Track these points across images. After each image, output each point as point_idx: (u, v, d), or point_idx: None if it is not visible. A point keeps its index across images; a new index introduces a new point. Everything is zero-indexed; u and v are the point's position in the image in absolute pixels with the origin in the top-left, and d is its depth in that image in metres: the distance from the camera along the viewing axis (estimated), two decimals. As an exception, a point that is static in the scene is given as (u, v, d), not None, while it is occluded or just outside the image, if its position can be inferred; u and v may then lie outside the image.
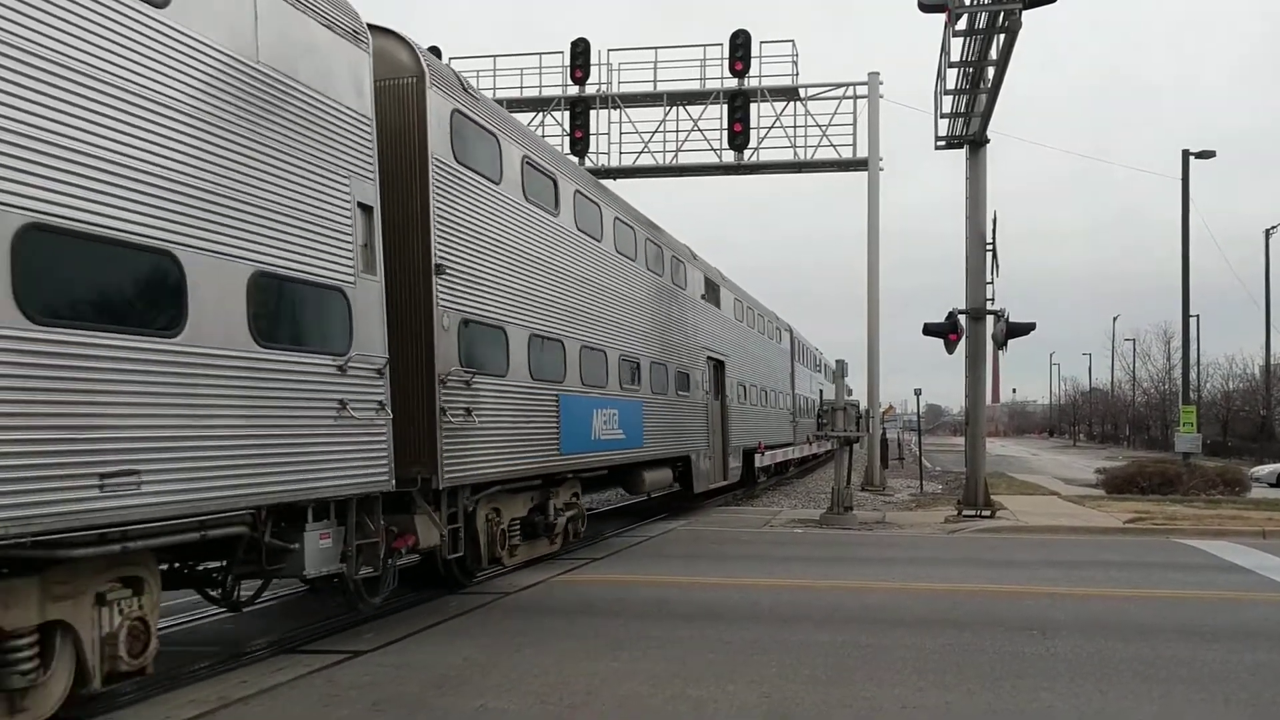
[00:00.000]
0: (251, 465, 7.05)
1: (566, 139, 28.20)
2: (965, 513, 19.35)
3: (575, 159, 27.07)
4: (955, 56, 17.98)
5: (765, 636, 8.56)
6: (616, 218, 15.73)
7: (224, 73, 7.13)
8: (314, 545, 7.91)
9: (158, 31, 6.49)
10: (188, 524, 6.56)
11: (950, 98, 19.55)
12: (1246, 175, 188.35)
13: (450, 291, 10.02)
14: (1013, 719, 6.26)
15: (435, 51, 26.67)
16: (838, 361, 21.08)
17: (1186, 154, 30.61)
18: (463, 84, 11.00)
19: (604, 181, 18.18)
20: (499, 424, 11.06)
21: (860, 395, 29.94)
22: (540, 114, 28.70)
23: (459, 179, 10.39)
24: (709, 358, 21.54)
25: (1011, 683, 7.07)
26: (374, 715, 6.35)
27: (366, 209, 8.72)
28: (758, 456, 26.14)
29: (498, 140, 11.49)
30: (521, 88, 28.81)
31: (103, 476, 5.84)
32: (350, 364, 8.20)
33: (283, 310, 7.63)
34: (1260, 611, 9.98)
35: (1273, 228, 49.50)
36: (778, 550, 14.96)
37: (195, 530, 6.67)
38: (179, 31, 6.68)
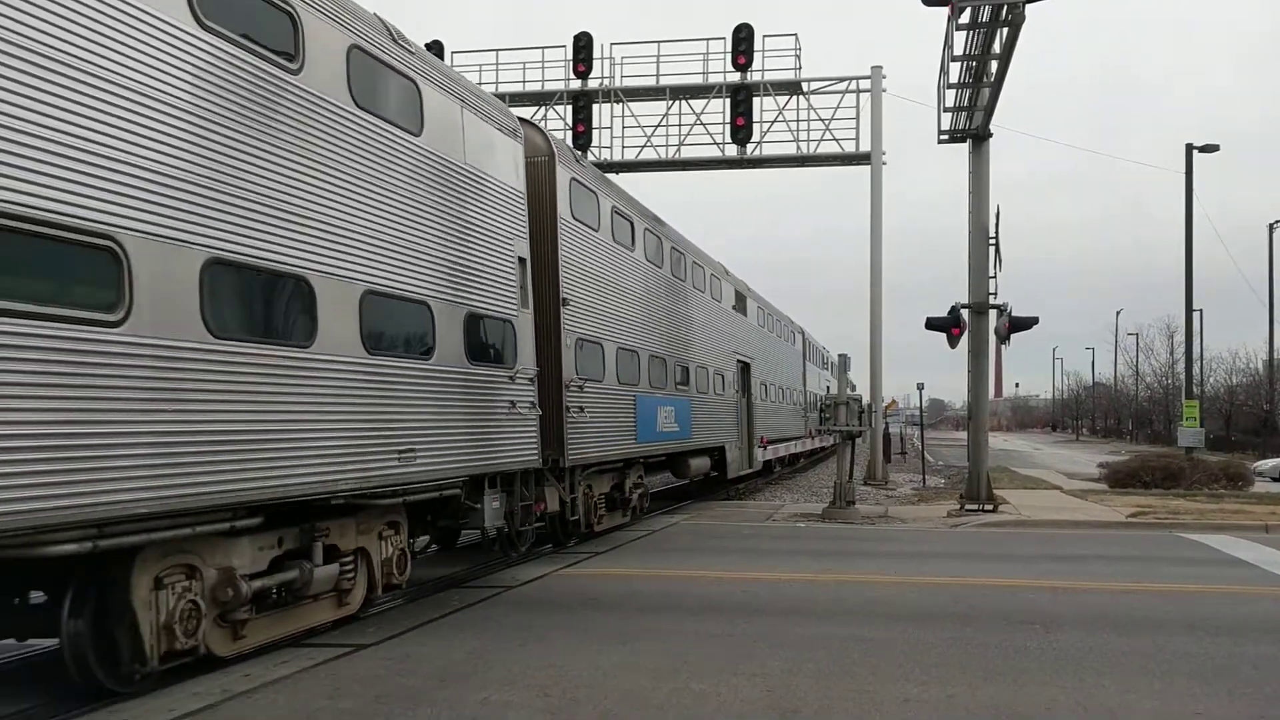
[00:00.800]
0: (466, 446, 10.23)
1: (569, 133, 28.16)
2: (968, 507, 19.36)
3: (577, 153, 27.06)
4: (958, 50, 17.96)
5: (768, 630, 8.58)
6: (673, 247, 18.98)
7: (450, 174, 10.25)
8: (490, 506, 11.05)
9: (417, 152, 9.68)
10: (430, 486, 9.71)
11: (953, 92, 19.51)
12: (1251, 170, 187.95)
13: (571, 318, 13.28)
14: (1015, 713, 6.25)
15: (436, 46, 26.81)
16: (840, 356, 21.10)
17: (1190, 148, 30.51)
18: (575, 157, 14.35)
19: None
20: (599, 418, 14.35)
21: (863, 390, 30.08)
22: (542, 108, 28.66)
23: (574, 231, 13.65)
24: (738, 360, 24.67)
25: (1014, 676, 7.07)
26: (377, 708, 6.36)
27: (522, 260, 11.80)
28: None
29: (597, 197, 14.75)
30: (524, 82, 28.77)
31: (399, 453, 8.99)
32: (517, 375, 11.41)
33: (480, 338, 10.70)
34: (1263, 606, 9.98)
35: (1276, 222, 49.36)
36: (780, 544, 14.96)
37: (435, 490, 9.88)
38: (429, 151, 9.87)
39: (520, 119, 12.60)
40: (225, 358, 6.94)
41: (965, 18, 17.00)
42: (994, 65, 17.85)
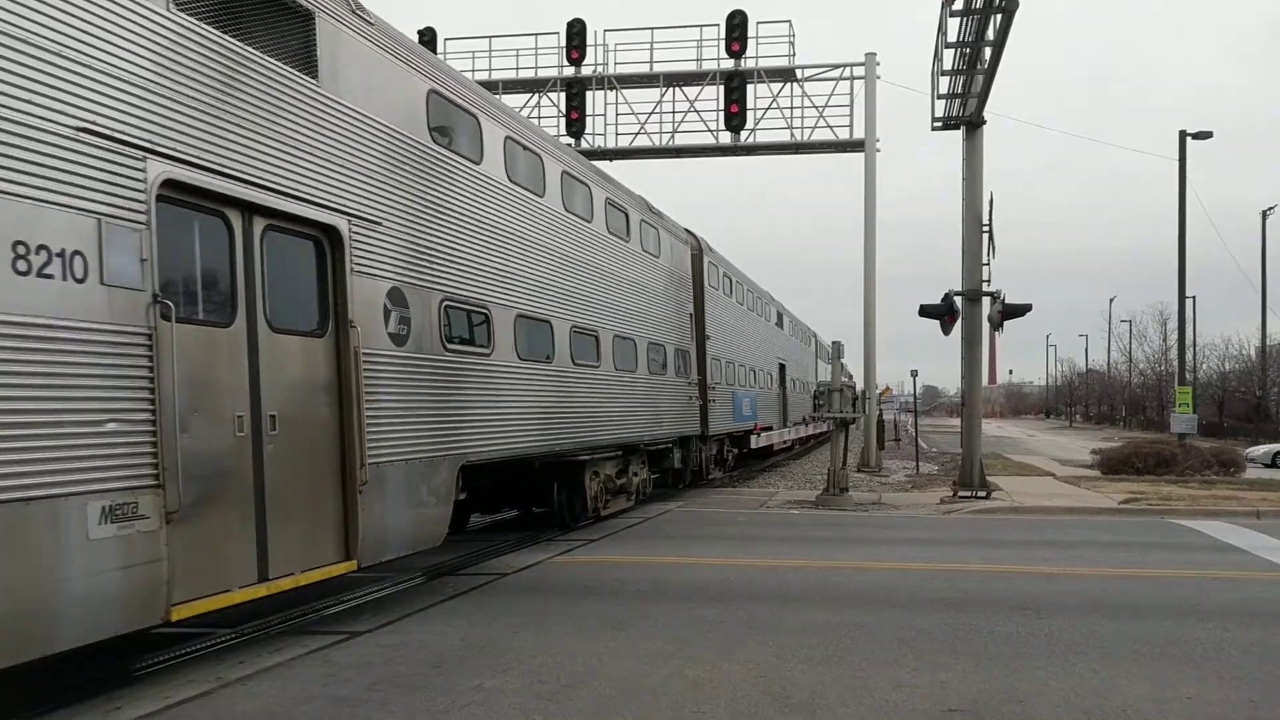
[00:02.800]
0: (674, 421, 18.46)
1: (562, 120, 28.08)
2: (961, 493, 19.41)
3: (570, 140, 27.01)
4: (952, 37, 17.90)
5: (761, 617, 8.61)
6: (747, 289, 27.20)
7: (667, 274, 18.38)
8: (676, 455, 19.24)
9: (656, 268, 17.64)
10: (662, 442, 18.13)
11: (947, 79, 19.48)
12: (1244, 158, 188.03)
13: (710, 346, 21.49)
14: (1007, 697, 6.29)
15: (430, 33, 26.67)
16: (834, 343, 21.12)
17: (1183, 135, 30.50)
18: (709, 246, 22.10)
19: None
20: (721, 407, 22.35)
21: (858, 377, 30.20)
22: (536, 95, 28.57)
23: (709, 293, 21.65)
24: (779, 363, 32.72)
25: (1006, 662, 7.11)
26: (372, 694, 6.37)
27: (690, 315, 20.17)
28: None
29: (718, 269, 23.00)
30: (517, 69, 28.67)
31: (660, 423, 17.61)
32: (691, 382, 19.77)
33: (679, 362, 18.94)
34: (1254, 591, 10.03)
35: (1269, 209, 49.45)
36: (774, 531, 15.00)
37: (663, 445, 18.28)
38: (664, 265, 18.04)
39: (687, 230, 21.14)
40: (623, 382, 15.66)
41: (959, 4, 16.97)
42: (987, 52, 17.80)
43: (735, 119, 27.55)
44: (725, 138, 28.06)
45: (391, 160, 9.22)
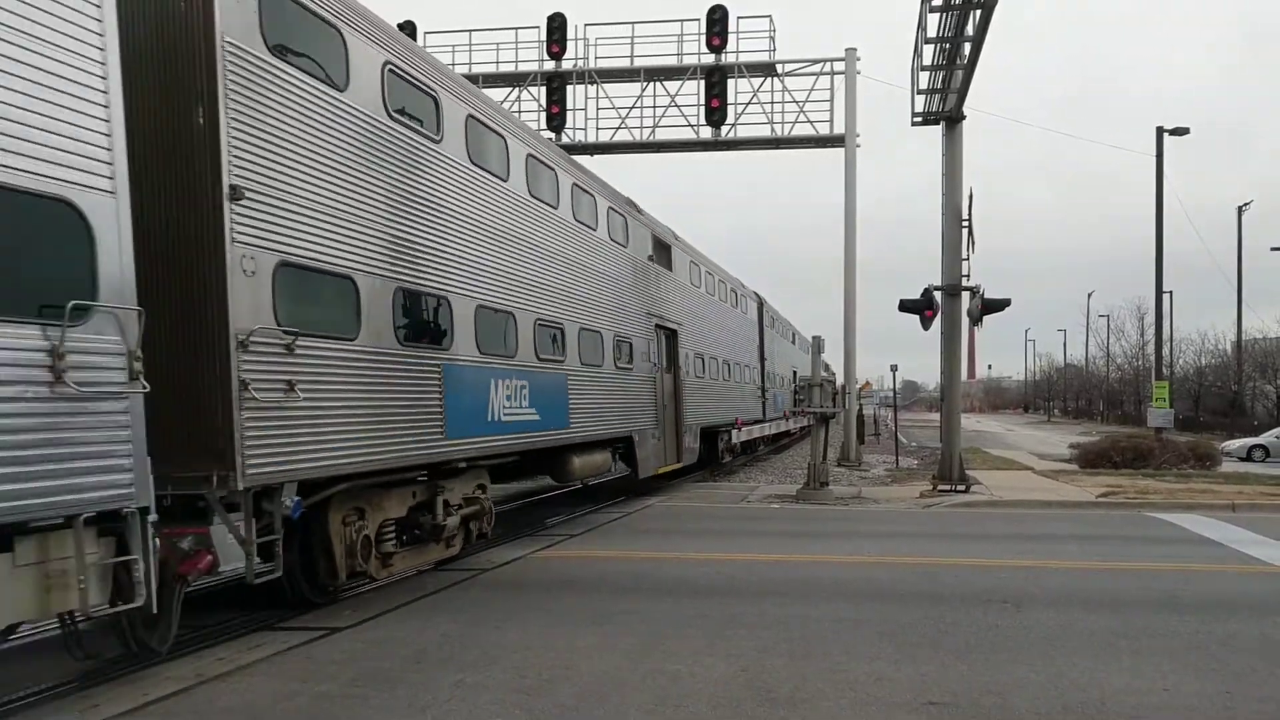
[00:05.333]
0: (755, 409, 30.78)
1: (543, 115, 28.00)
2: (940, 487, 19.49)
3: (551, 135, 26.95)
4: (932, 32, 17.94)
5: (742, 611, 8.62)
6: (779, 322, 39.33)
7: (743, 320, 29.83)
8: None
9: (743, 317, 29.67)
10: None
11: (927, 74, 19.51)
12: (1222, 155, 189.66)
13: (767, 363, 33.97)
14: (986, 689, 6.33)
15: (410, 26, 26.55)
16: (814, 338, 21.14)
17: (1161, 131, 30.72)
18: (766, 300, 34.54)
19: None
20: (770, 402, 34.11)
21: (838, 371, 30.36)
22: (516, 90, 28.48)
23: (767, 330, 34.38)
24: (793, 370, 41.03)
25: (985, 655, 7.15)
26: (353, 690, 6.35)
27: (757, 345, 32.45)
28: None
29: (769, 314, 35.20)
30: (498, 63, 28.56)
31: (749, 411, 29.19)
32: (757, 385, 32.02)
33: (753, 374, 31.34)
34: (1230, 583, 10.13)
35: (1245, 204, 49.85)
36: (754, 526, 15.03)
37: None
38: (748, 318, 30.71)
39: (755, 292, 32.20)
40: (738, 385, 28.05)
41: (938, 0, 16.99)
42: (967, 48, 17.85)
43: (716, 114, 27.57)
44: (706, 133, 28.08)
45: (688, 297, 21.29)
